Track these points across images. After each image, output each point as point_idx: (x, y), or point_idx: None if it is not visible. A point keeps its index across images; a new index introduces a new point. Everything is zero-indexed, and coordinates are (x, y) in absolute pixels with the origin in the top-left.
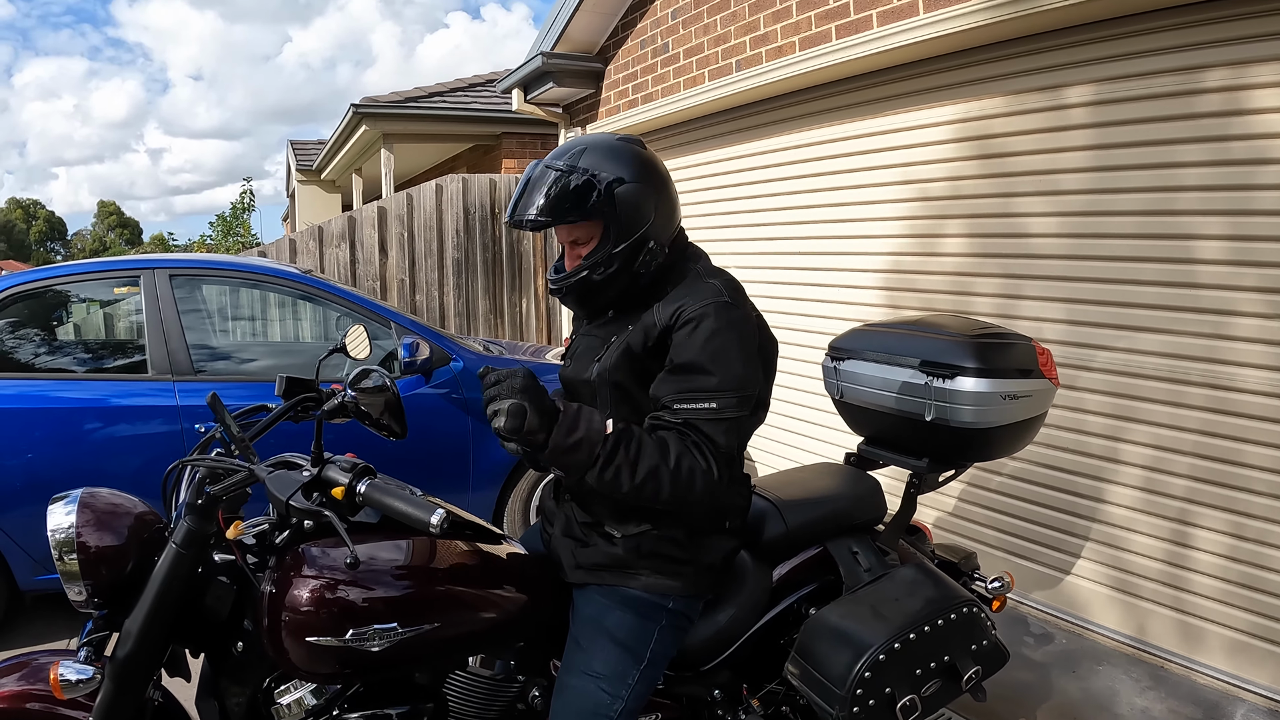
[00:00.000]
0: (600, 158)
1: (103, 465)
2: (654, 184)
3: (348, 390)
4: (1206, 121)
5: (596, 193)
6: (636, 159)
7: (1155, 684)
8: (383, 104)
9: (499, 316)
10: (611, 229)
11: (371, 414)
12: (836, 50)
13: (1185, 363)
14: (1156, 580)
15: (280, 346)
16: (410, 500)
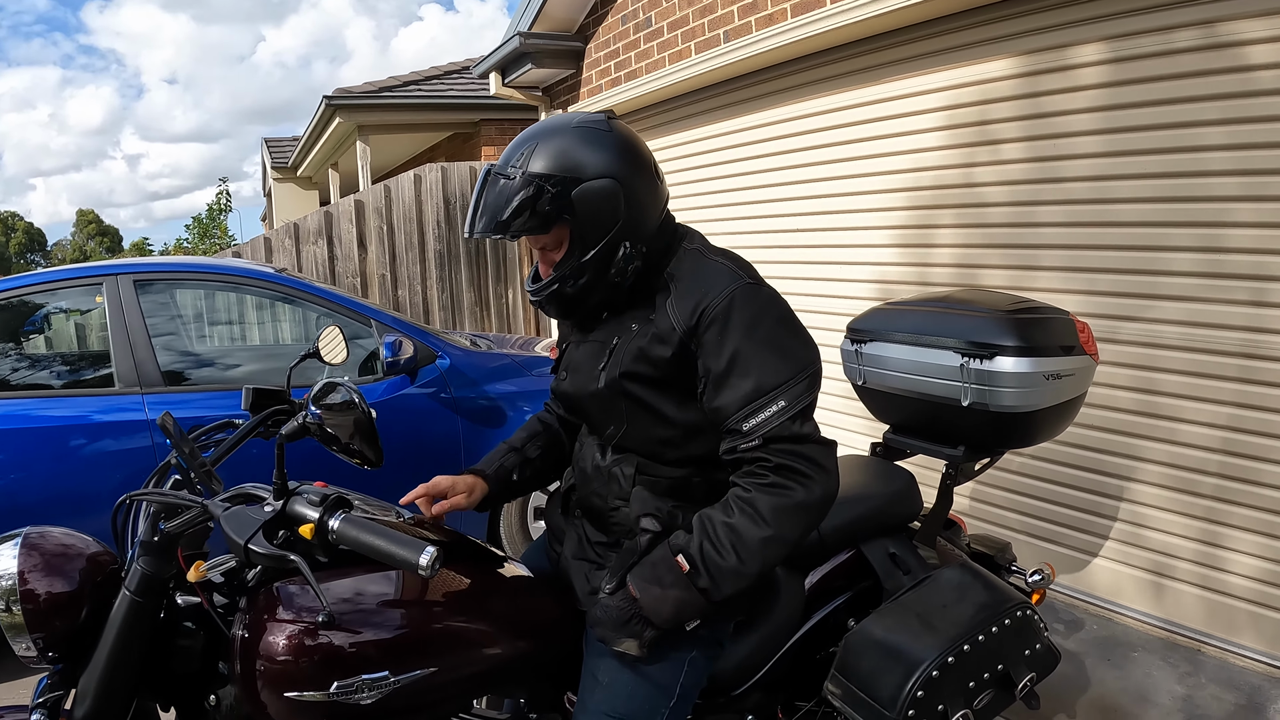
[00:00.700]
0: (554, 154)
1: (67, 488)
2: (623, 174)
3: (310, 408)
4: (1227, 77)
5: (550, 200)
6: (601, 146)
7: (1194, 669)
8: (356, 95)
9: (485, 309)
10: (577, 236)
11: (339, 437)
12: (833, 14)
13: (1216, 332)
14: (1189, 560)
15: (258, 351)
16: (393, 537)
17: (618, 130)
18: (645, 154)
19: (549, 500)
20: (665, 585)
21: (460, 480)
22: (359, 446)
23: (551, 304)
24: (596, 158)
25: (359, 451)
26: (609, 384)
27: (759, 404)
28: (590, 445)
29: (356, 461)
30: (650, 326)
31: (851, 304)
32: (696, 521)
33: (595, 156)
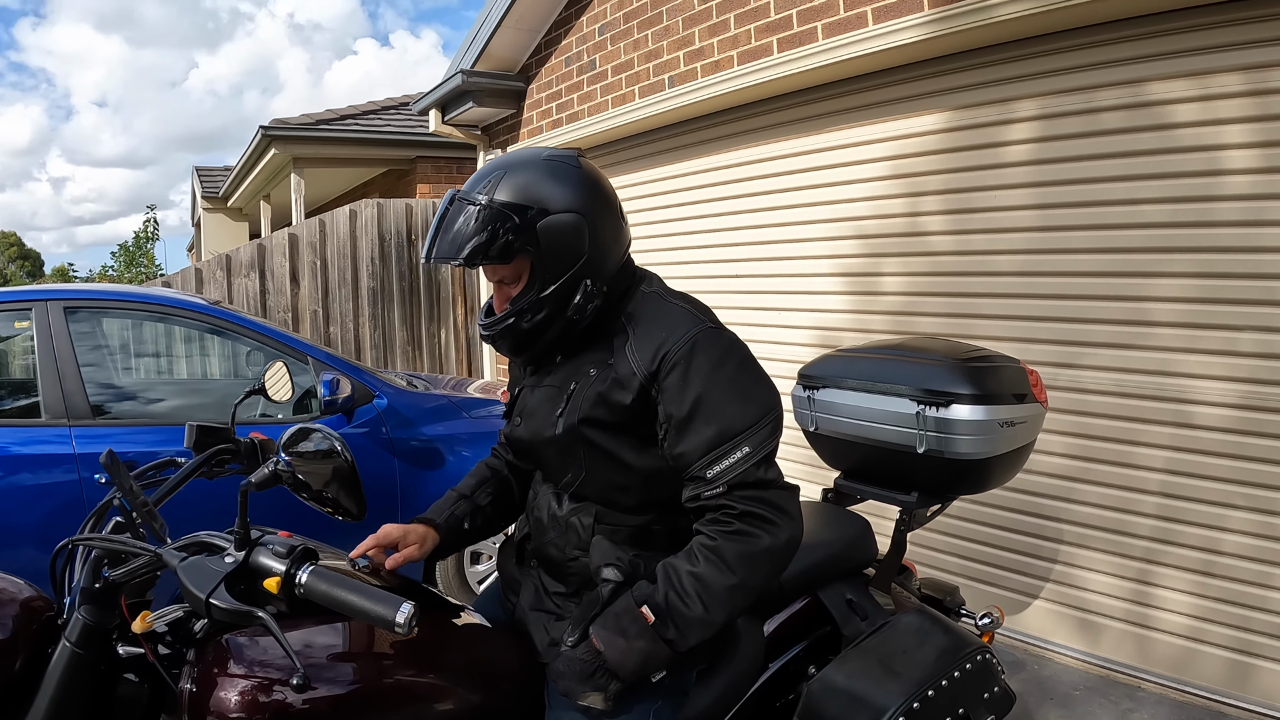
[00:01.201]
0: (523, 184)
1: None
2: (589, 211)
3: (280, 455)
4: (1153, 134)
5: (515, 230)
6: (569, 181)
7: (1135, 705)
8: (293, 126)
9: (417, 348)
10: (539, 269)
11: (312, 485)
12: (778, 64)
13: (1148, 378)
14: (1124, 599)
15: (188, 385)
16: (367, 592)
17: (586, 167)
18: (611, 193)
19: (501, 550)
20: (630, 637)
21: (412, 530)
22: (335, 496)
23: (505, 339)
24: (563, 192)
25: (334, 501)
26: (567, 430)
27: (723, 450)
28: (545, 493)
29: (329, 511)
30: (609, 371)
31: (797, 350)
32: (660, 571)
33: (562, 191)
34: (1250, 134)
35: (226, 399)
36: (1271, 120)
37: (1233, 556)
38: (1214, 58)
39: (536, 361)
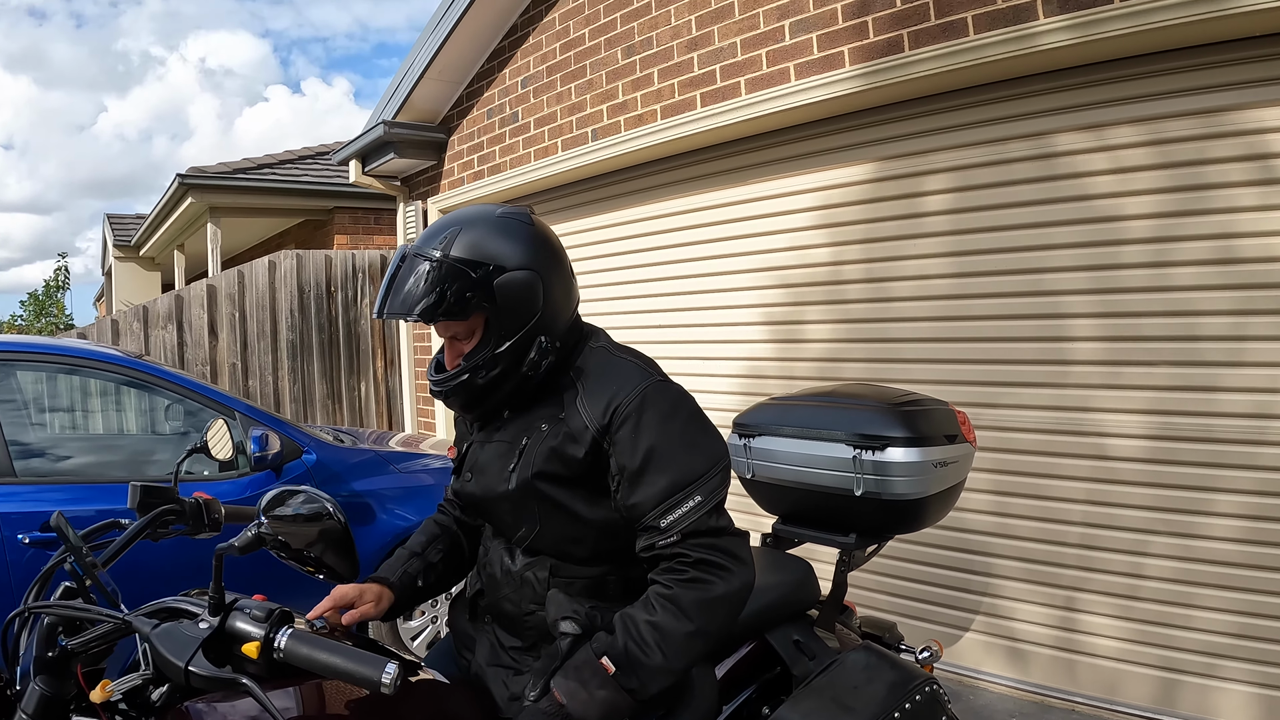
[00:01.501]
0: (478, 241)
1: None
2: (543, 268)
3: (261, 519)
4: (1062, 183)
5: (471, 287)
6: (523, 238)
7: None
8: (210, 175)
9: (337, 402)
10: (494, 327)
11: (294, 547)
12: (702, 119)
13: (1066, 414)
14: (1053, 626)
15: (104, 441)
16: (350, 653)
17: (538, 225)
18: (562, 251)
19: (453, 606)
20: (592, 688)
21: (367, 589)
22: (319, 556)
23: (458, 395)
24: (518, 249)
25: (317, 561)
26: (521, 485)
27: (675, 500)
28: (497, 549)
29: (311, 571)
30: (561, 426)
31: (724, 398)
32: (618, 621)
33: (517, 248)
34: (1152, 181)
35: (141, 455)
36: (1170, 168)
37: (1156, 580)
38: (1115, 110)
39: (485, 418)
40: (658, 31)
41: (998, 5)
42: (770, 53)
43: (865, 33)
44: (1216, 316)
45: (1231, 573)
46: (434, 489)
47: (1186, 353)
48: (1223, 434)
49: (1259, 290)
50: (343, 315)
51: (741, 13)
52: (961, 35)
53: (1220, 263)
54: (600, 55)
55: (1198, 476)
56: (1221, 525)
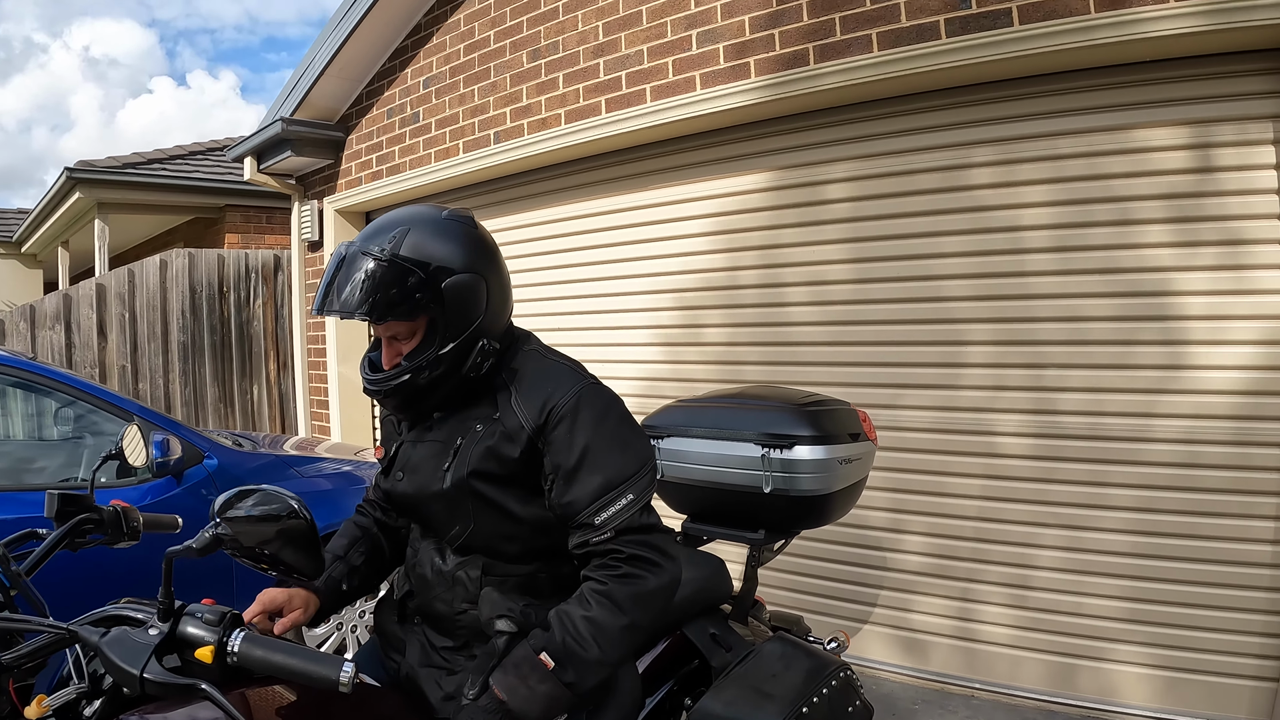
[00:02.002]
0: (424, 242)
1: None
2: (486, 271)
3: (217, 520)
4: (961, 194)
5: (420, 287)
6: (467, 242)
7: (972, 713)
8: (99, 169)
9: (229, 405)
10: (438, 328)
11: (253, 547)
12: (606, 124)
13: (959, 414)
14: (951, 616)
15: None
16: (306, 654)
17: (481, 229)
18: (501, 256)
19: (380, 608)
20: (532, 683)
21: (295, 594)
22: (276, 555)
23: (396, 395)
24: (464, 252)
25: (273, 559)
26: (456, 483)
27: (609, 498)
28: (428, 549)
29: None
30: (497, 425)
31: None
32: (554, 618)
33: (463, 251)
34: (1043, 194)
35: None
36: (1064, 182)
37: (1047, 570)
38: (1009, 127)
39: (418, 418)
40: (564, 36)
41: (903, 23)
42: (677, 61)
43: (772, 45)
44: (1103, 322)
45: (1119, 561)
46: (335, 493)
47: (1075, 356)
48: (1108, 432)
49: (1141, 298)
50: (235, 316)
51: (649, 21)
52: (866, 51)
53: (1105, 272)
54: (505, 58)
55: (1085, 472)
56: (1108, 518)
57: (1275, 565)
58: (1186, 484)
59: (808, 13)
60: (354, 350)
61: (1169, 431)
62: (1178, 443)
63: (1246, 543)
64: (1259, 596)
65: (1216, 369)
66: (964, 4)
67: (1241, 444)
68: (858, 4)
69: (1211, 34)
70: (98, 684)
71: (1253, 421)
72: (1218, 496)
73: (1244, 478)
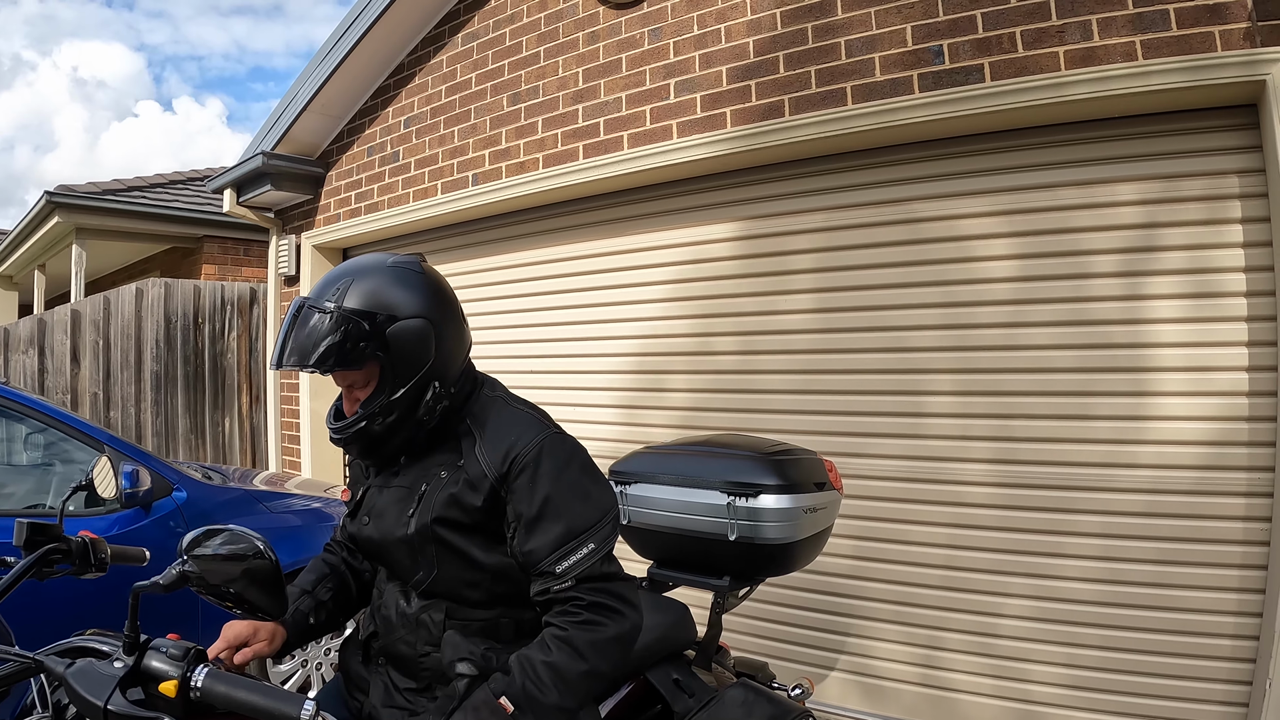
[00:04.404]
0: (370, 291)
1: None
2: (435, 316)
3: (184, 558)
4: (926, 247)
5: (365, 337)
6: (415, 287)
7: None
8: (80, 194)
9: (200, 436)
10: (388, 374)
11: (219, 585)
12: (583, 169)
13: (925, 464)
14: (914, 664)
15: None
16: (268, 691)
17: (430, 273)
18: (454, 298)
19: (344, 648)
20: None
21: (261, 627)
22: (241, 593)
23: (357, 441)
24: (410, 298)
25: (238, 598)
26: (420, 529)
27: (570, 547)
28: (392, 592)
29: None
30: (460, 473)
31: (593, 444)
32: (515, 662)
33: (409, 296)
34: (1008, 248)
35: None
36: (1026, 235)
37: (1012, 618)
38: (983, 180)
39: (383, 463)
40: (544, 81)
41: (877, 78)
42: (654, 109)
43: (748, 96)
44: (1068, 373)
45: (1085, 610)
46: (303, 530)
47: (1040, 406)
48: (1074, 482)
49: (1106, 350)
50: (209, 348)
51: (628, 69)
52: (840, 104)
53: (1070, 324)
54: (485, 100)
55: (1050, 521)
56: (1074, 566)
57: (1240, 613)
58: (1151, 533)
59: (784, 65)
60: (326, 386)
61: (1133, 481)
62: (1142, 492)
63: (1212, 591)
64: (1224, 644)
65: (1181, 419)
66: (937, 59)
67: (1205, 493)
68: (833, 57)
69: (1182, 91)
70: (61, 714)
71: (1215, 471)
72: (1183, 545)
73: (1208, 527)
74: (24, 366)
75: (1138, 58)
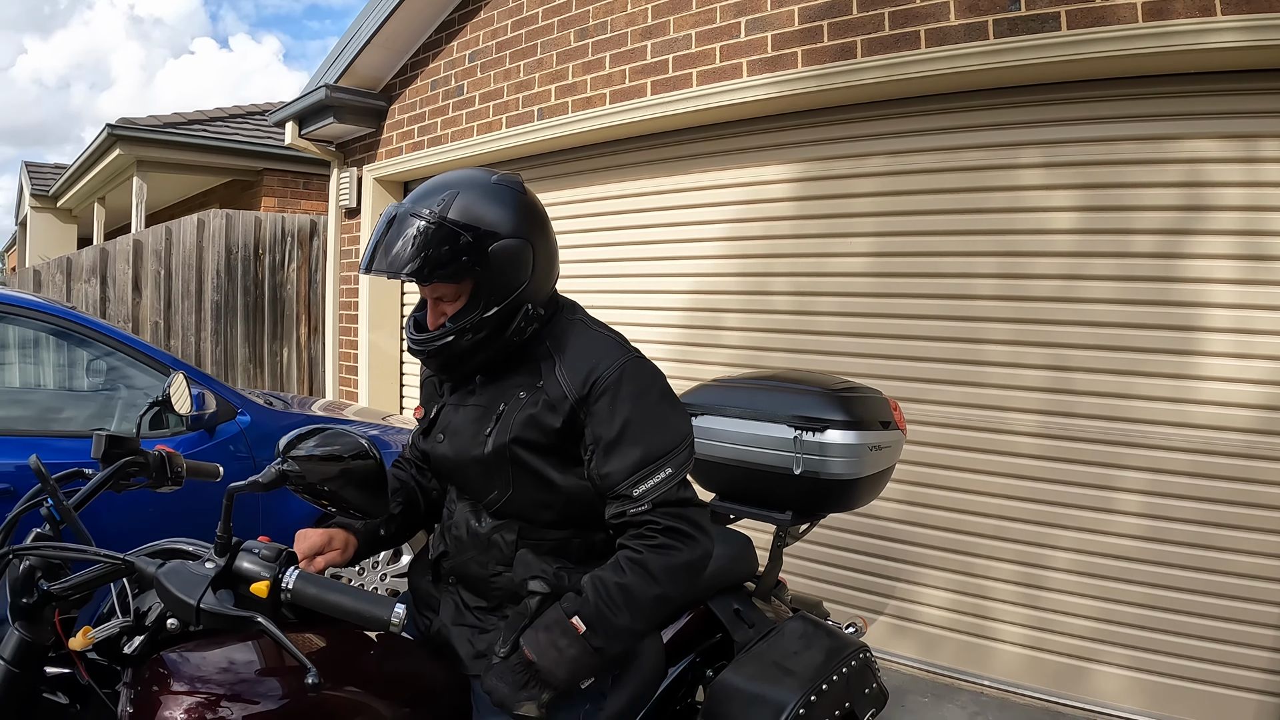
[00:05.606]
0: (474, 205)
1: None
2: (533, 237)
3: (283, 458)
4: (991, 195)
5: (466, 250)
6: (516, 207)
7: (980, 709)
8: (141, 127)
9: (258, 366)
10: (483, 290)
11: (310, 481)
12: (651, 105)
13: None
14: (962, 612)
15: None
16: (357, 594)
17: (530, 195)
18: (550, 223)
19: (414, 567)
20: (561, 647)
21: (334, 535)
22: (338, 492)
23: (439, 356)
24: (511, 217)
25: (334, 496)
26: (496, 449)
27: (648, 471)
28: (463, 511)
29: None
30: (540, 394)
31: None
32: (588, 583)
33: (510, 215)
34: (1067, 200)
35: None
36: (1084, 189)
37: (1059, 571)
38: (1052, 130)
39: (459, 381)
40: (613, 17)
41: (951, 22)
42: (724, 47)
43: (819, 36)
44: (1121, 329)
45: (1130, 567)
46: None
47: (1092, 360)
48: (1123, 438)
49: (1159, 307)
50: (269, 279)
51: (698, 6)
52: (913, 47)
53: (1125, 279)
54: (552, 35)
55: (1099, 476)
56: (1121, 522)
57: None
58: (1199, 494)
59: (857, 6)
60: (386, 318)
61: (1183, 440)
62: (1192, 452)
63: (1257, 556)
64: (1268, 611)
65: (1233, 381)
66: (1014, 5)
67: (1254, 458)
68: (908, 0)
69: (1250, 50)
70: (140, 620)
71: (1266, 436)
72: (1230, 509)
73: (1256, 491)
74: (86, 295)
75: (1215, 14)
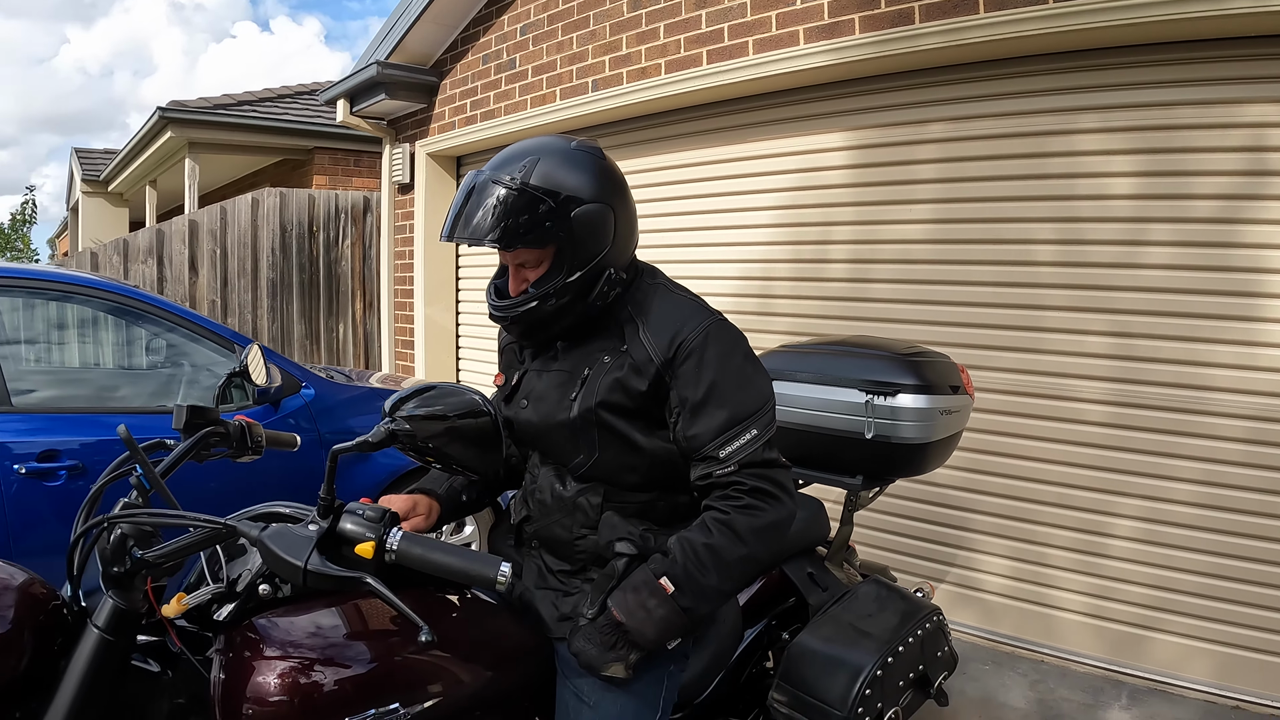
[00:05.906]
0: (554, 171)
1: None
2: (614, 202)
3: (391, 418)
4: (1052, 160)
5: (550, 215)
6: (597, 172)
7: (1041, 677)
8: (191, 109)
9: (315, 342)
10: (566, 256)
11: (421, 440)
12: (707, 75)
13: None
14: (1023, 580)
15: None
16: (462, 553)
17: (609, 160)
18: (629, 188)
19: (495, 532)
20: (650, 607)
21: (419, 500)
22: (447, 450)
23: (522, 321)
24: (593, 182)
25: (444, 455)
26: (583, 413)
27: (734, 432)
28: (547, 475)
29: (429, 462)
30: (624, 358)
31: None
32: (675, 544)
33: (592, 181)
34: (1126, 165)
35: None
36: (1143, 154)
37: (1120, 539)
38: (1094, 96)
39: (541, 346)
40: None
41: None
42: (781, 15)
43: (877, 2)
44: (1181, 294)
45: (1191, 535)
46: None
47: (1153, 326)
48: (1184, 405)
49: (1219, 273)
50: (324, 256)
51: None
52: (973, 12)
53: (1185, 244)
54: (605, 7)
55: (1160, 443)
56: (1183, 490)
57: None
58: (1261, 462)
59: None
60: (441, 292)
61: (1244, 408)
62: (1252, 419)
63: None
64: None
65: None
66: None
67: None
68: None
69: None
70: (232, 587)
71: None
72: None
73: None
74: (143, 275)
75: None
